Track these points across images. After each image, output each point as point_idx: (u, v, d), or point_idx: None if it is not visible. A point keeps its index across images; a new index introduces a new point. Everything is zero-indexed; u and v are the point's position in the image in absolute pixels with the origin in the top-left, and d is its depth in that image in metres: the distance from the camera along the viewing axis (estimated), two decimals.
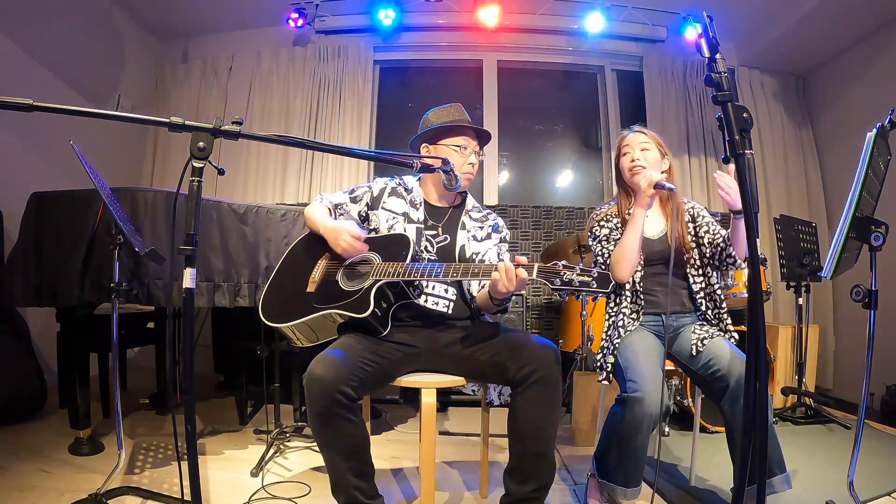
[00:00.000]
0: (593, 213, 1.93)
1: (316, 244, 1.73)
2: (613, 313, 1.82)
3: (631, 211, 1.72)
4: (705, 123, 4.07)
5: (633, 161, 1.80)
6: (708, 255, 1.78)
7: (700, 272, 1.79)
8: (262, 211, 2.38)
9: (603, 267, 1.77)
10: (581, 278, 1.29)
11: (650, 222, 1.84)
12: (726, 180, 1.58)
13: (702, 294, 1.78)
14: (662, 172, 1.82)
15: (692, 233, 1.81)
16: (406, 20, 4.04)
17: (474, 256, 1.73)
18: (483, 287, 1.66)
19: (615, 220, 1.83)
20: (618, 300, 1.81)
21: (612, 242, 1.79)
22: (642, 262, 1.77)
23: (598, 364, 1.79)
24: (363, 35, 4.15)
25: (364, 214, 1.81)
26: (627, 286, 1.77)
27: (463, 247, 1.73)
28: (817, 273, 2.96)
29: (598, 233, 1.85)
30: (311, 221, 1.75)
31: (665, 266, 1.79)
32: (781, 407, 3.06)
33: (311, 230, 1.77)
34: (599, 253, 1.82)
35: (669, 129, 4.03)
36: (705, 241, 1.78)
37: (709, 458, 2.19)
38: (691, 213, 1.85)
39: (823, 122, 4.13)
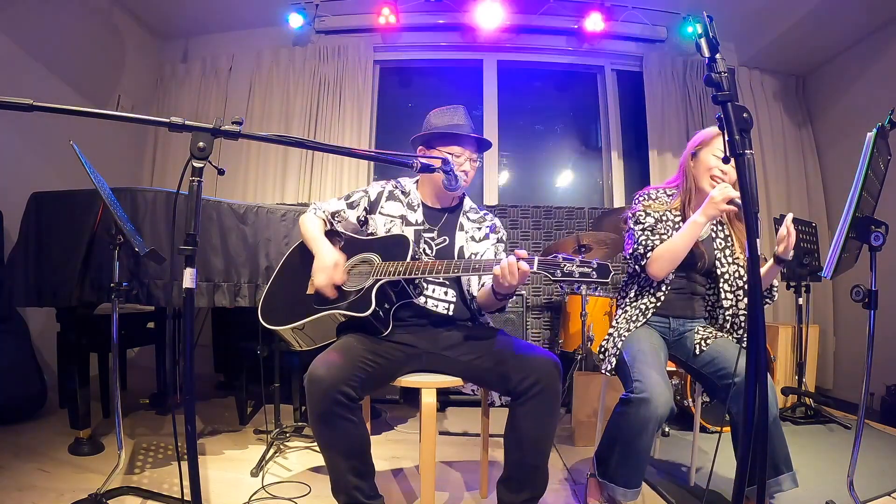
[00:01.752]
0: (642, 193, 1.79)
1: None
2: (629, 304, 1.77)
3: (693, 216, 1.60)
4: (705, 123, 4.05)
5: (722, 171, 1.67)
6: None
7: (732, 291, 1.71)
8: (262, 211, 2.38)
9: (641, 253, 1.68)
10: (581, 269, 1.29)
11: None
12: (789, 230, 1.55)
13: (730, 313, 1.70)
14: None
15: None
16: (406, 20, 4.04)
17: (472, 257, 1.73)
18: (484, 285, 1.66)
19: (666, 212, 1.72)
20: (640, 291, 1.76)
21: (658, 235, 1.68)
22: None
23: (602, 350, 1.75)
24: (363, 35, 4.15)
25: (363, 219, 1.80)
26: (654, 284, 1.72)
27: (462, 248, 1.73)
28: (817, 273, 2.96)
29: (643, 219, 1.71)
30: (304, 238, 1.74)
31: (692, 272, 1.74)
32: (781, 407, 3.06)
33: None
34: (641, 242, 1.68)
35: (669, 129, 4.03)
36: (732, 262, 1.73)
37: (709, 458, 2.19)
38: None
39: (823, 122, 4.13)
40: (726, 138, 0.99)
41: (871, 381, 1.63)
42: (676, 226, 1.71)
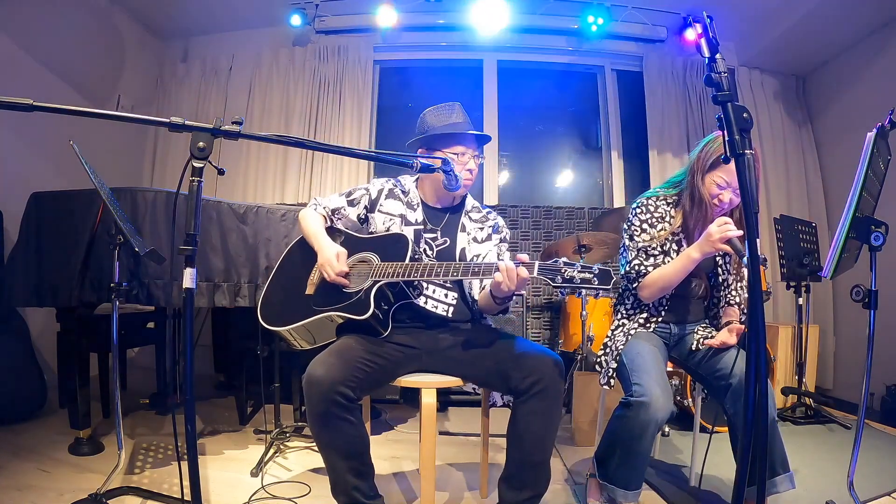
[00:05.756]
0: (641, 204, 1.71)
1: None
2: (626, 317, 1.77)
3: (689, 250, 1.57)
4: (705, 123, 4.06)
5: (729, 200, 1.61)
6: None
7: (721, 288, 1.76)
8: (262, 211, 2.38)
9: (633, 277, 1.66)
10: (582, 275, 1.28)
11: None
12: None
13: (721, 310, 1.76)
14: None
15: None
16: (406, 20, 4.03)
17: (474, 259, 1.71)
18: (484, 288, 1.64)
19: (662, 226, 1.67)
20: (635, 305, 1.77)
21: (651, 258, 1.66)
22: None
23: (598, 361, 1.76)
24: (363, 35, 4.15)
25: (363, 217, 1.79)
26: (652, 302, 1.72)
27: (463, 249, 1.71)
28: (817, 273, 2.96)
29: (637, 235, 1.68)
30: (305, 233, 1.74)
31: (689, 287, 1.74)
32: (781, 407, 3.05)
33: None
34: (634, 266, 1.66)
35: (669, 129, 4.03)
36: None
37: (709, 458, 2.18)
38: None
39: (823, 122, 4.13)
40: (726, 138, 0.99)
41: (871, 381, 1.63)
42: (676, 238, 1.68)
